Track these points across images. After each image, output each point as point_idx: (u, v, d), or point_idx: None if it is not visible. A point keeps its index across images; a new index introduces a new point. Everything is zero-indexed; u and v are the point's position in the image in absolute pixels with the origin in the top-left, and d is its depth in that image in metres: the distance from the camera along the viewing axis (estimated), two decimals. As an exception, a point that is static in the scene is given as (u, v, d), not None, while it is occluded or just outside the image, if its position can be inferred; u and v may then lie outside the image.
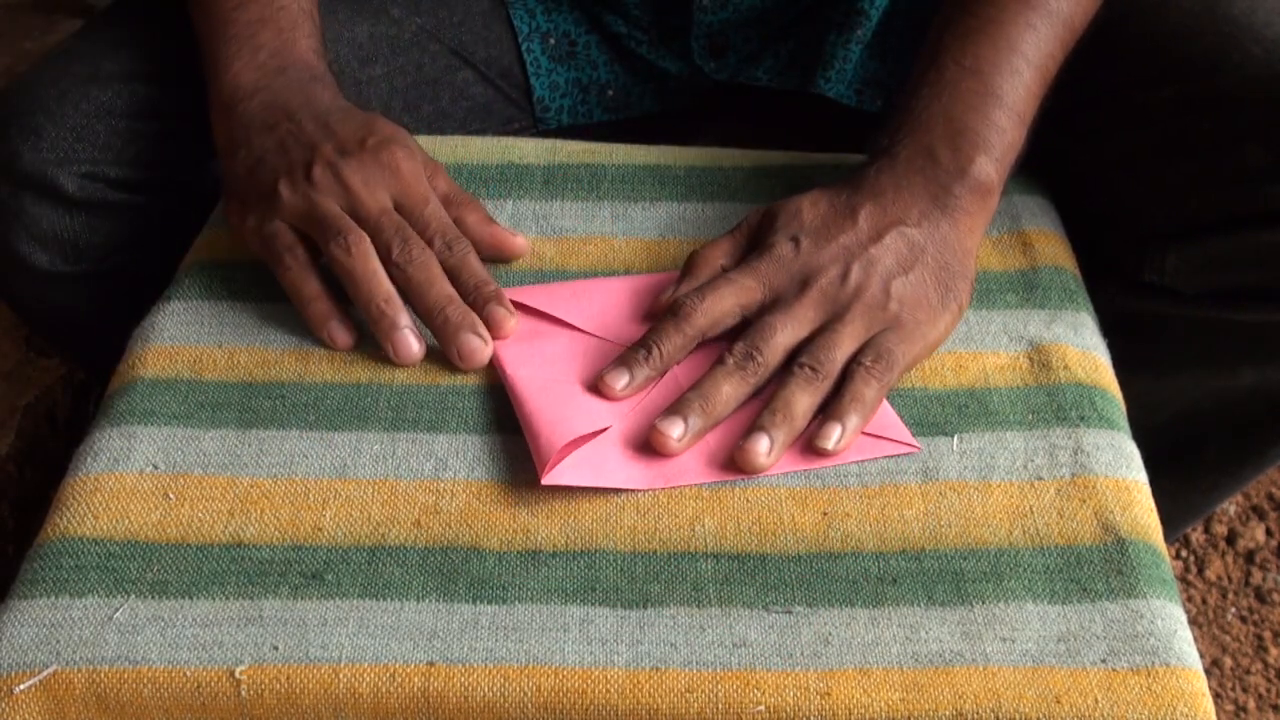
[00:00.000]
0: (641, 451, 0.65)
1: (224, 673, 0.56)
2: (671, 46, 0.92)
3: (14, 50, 1.32)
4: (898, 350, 0.68)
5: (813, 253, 0.70)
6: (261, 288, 0.75)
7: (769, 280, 0.70)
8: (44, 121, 0.81)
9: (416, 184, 0.73)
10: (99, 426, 0.67)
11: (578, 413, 0.67)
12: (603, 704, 0.56)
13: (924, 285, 0.70)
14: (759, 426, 0.65)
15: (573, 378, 0.69)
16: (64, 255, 0.84)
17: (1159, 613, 0.59)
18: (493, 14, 0.93)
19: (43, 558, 0.61)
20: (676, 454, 0.65)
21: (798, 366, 0.67)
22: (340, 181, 0.71)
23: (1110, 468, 0.65)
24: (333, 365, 0.71)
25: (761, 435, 0.65)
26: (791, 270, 0.70)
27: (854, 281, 0.69)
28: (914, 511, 0.63)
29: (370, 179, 0.72)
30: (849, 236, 0.70)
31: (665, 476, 0.65)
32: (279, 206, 0.71)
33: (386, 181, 0.72)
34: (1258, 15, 0.76)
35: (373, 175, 0.72)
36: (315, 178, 0.71)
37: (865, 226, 0.70)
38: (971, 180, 0.72)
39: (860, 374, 0.67)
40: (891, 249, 0.70)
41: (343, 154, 0.72)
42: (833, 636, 0.58)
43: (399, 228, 0.71)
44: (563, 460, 0.64)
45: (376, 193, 0.72)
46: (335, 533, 0.62)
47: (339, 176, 0.72)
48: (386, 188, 0.72)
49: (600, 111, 0.96)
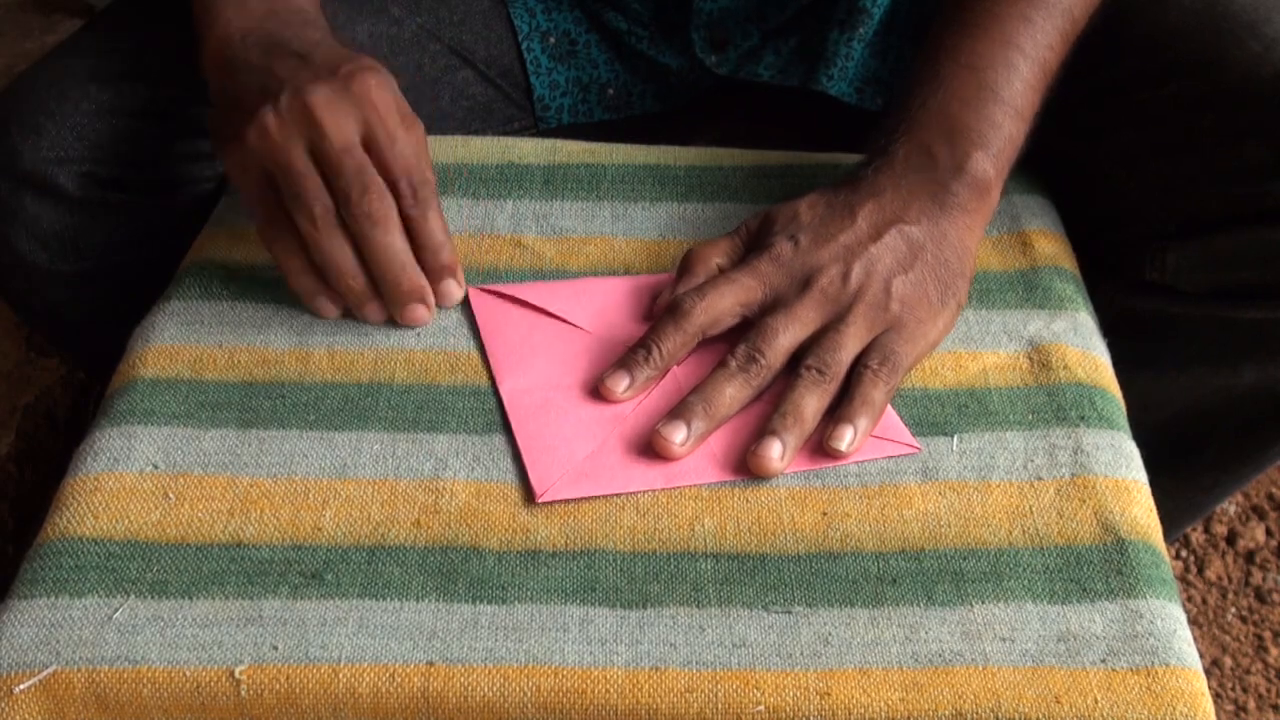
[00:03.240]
0: (641, 454, 0.65)
1: (224, 673, 0.56)
2: (672, 41, 0.92)
3: (14, 50, 1.32)
4: (902, 351, 0.68)
5: (812, 251, 0.70)
6: (261, 288, 0.75)
7: (768, 279, 0.70)
8: (44, 121, 0.81)
9: (387, 115, 0.70)
10: (99, 426, 0.67)
11: (575, 430, 0.66)
12: (602, 704, 0.56)
13: (924, 284, 0.70)
14: (770, 431, 0.65)
15: (569, 381, 0.69)
16: (64, 255, 0.84)
17: (1159, 613, 0.59)
18: (493, 13, 0.93)
19: (43, 558, 0.61)
20: (679, 458, 0.65)
21: (805, 369, 0.67)
22: (306, 112, 0.68)
23: (1110, 467, 0.65)
24: (333, 365, 0.71)
25: (774, 440, 0.65)
26: (792, 269, 0.70)
27: (855, 281, 0.69)
28: (914, 511, 0.63)
29: (338, 109, 0.69)
30: (848, 235, 0.70)
31: (666, 477, 0.65)
32: (247, 150, 0.69)
33: (355, 111, 0.69)
34: (1258, 12, 0.76)
35: (341, 104, 0.69)
36: (281, 108, 0.68)
37: (864, 225, 0.70)
38: (969, 177, 0.72)
39: (868, 376, 0.67)
40: (891, 248, 0.70)
41: (313, 82, 0.69)
42: (832, 636, 0.58)
43: (360, 170, 0.69)
44: (560, 478, 0.64)
45: (343, 125, 0.69)
46: (335, 533, 0.62)
47: (305, 106, 0.68)
48: (355, 119, 0.69)
49: (600, 111, 0.96)
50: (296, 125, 0.68)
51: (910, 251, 0.70)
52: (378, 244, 0.70)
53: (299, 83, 0.69)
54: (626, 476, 0.64)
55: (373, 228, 0.69)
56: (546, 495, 0.63)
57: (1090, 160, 0.84)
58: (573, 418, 0.67)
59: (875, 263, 0.69)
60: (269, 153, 0.69)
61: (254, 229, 0.78)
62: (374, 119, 0.70)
